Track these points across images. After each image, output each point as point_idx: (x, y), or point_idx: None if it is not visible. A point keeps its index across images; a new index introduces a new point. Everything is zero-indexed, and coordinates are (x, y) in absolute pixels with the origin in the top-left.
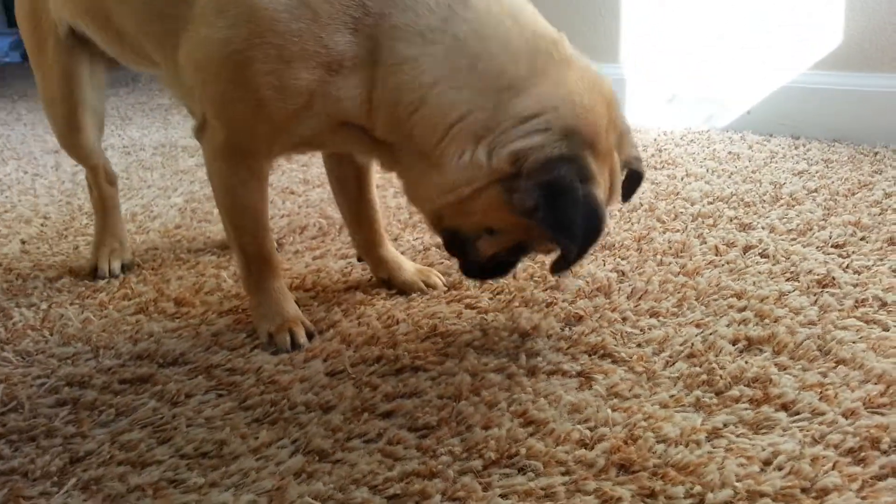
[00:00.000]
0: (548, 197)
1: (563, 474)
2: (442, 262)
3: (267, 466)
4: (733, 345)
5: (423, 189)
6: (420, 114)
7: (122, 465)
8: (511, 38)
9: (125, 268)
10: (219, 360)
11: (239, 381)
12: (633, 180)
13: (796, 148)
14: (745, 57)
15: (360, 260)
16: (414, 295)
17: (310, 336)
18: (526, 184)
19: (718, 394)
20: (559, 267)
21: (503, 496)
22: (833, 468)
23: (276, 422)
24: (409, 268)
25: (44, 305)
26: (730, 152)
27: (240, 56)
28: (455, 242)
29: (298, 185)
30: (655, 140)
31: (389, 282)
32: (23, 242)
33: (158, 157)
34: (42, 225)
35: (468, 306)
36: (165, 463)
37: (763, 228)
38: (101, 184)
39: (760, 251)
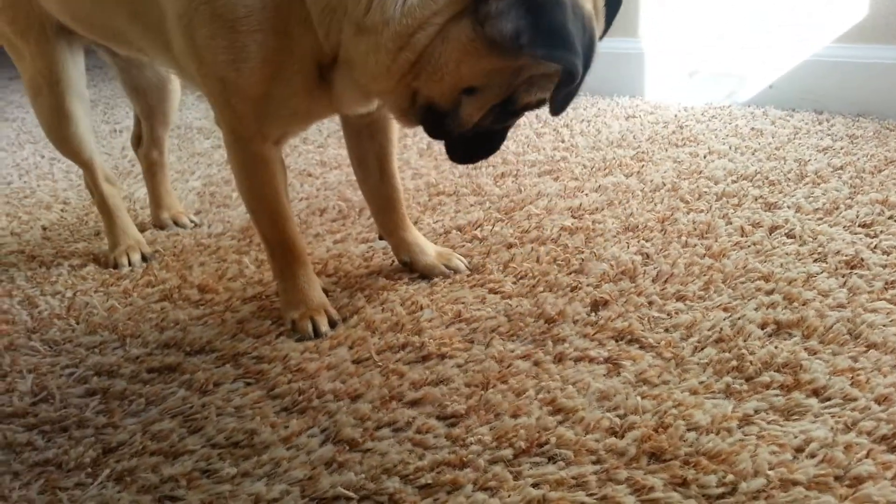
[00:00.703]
0: (529, 12)
1: (593, 463)
2: (464, 245)
3: (298, 456)
4: (762, 329)
5: (375, 60)
6: None
7: (155, 455)
8: None
9: (146, 258)
10: (245, 348)
11: (266, 370)
12: (612, 5)
13: (820, 123)
14: (767, 30)
15: (381, 239)
16: (437, 280)
17: (333, 324)
18: (497, 6)
19: (748, 380)
20: (564, 98)
21: (535, 485)
22: (867, 456)
23: (305, 411)
24: (430, 251)
25: (69, 294)
26: (752, 128)
27: (190, 27)
28: (435, 121)
29: (316, 167)
30: (676, 116)
31: (411, 265)
32: (44, 229)
33: (174, 140)
34: (62, 210)
35: (491, 291)
36: (197, 453)
37: (789, 208)
38: (100, 183)
39: (787, 231)
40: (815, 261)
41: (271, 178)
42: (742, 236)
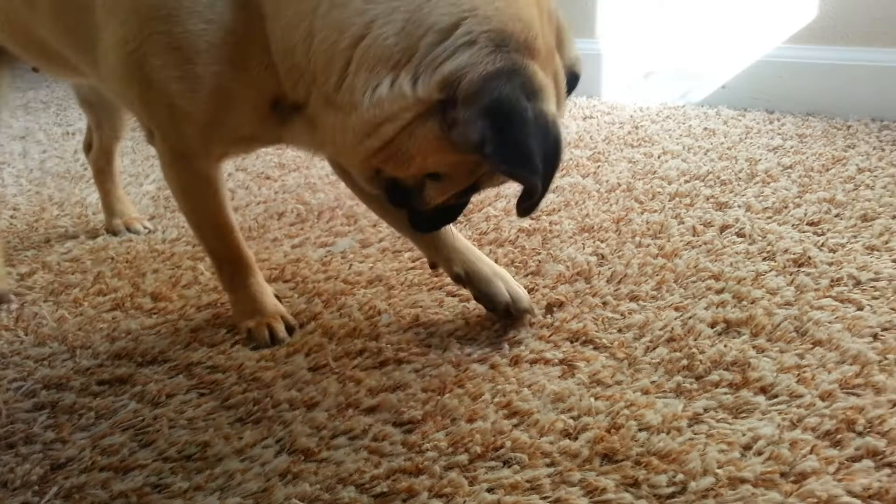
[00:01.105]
0: (494, 125)
1: (547, 465)
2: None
3: (252, 468)
4: (712, 328)
5: (342, 138)
6: (314, 48)
7: (105, 470)
8: None
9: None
10: (199, 358)
11: (220, 379)
12: (572, 80)
13: (771, 123)
14: (721, 31)
15: (433, 267)
16: (394, 283)
17: (290, 330)
18: (465, 113)
19: (698, 378)
20: (526, 208)
21: (489, 490)
22: (811, 452)
23: (260, 421)
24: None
25: (16, 304)
26: (705, 128)
27: (137, 53)
28: (397, 193)
29: (274, 169)
30: (632, 116)
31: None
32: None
33: (129, 142)
34: (11, 217)
35: (449, 294)
36: (149, 467)
37: (739, 207)
38: None
39: (737, 230)
40: (764, 259)
41: (215, 194)
42: (694, 236)
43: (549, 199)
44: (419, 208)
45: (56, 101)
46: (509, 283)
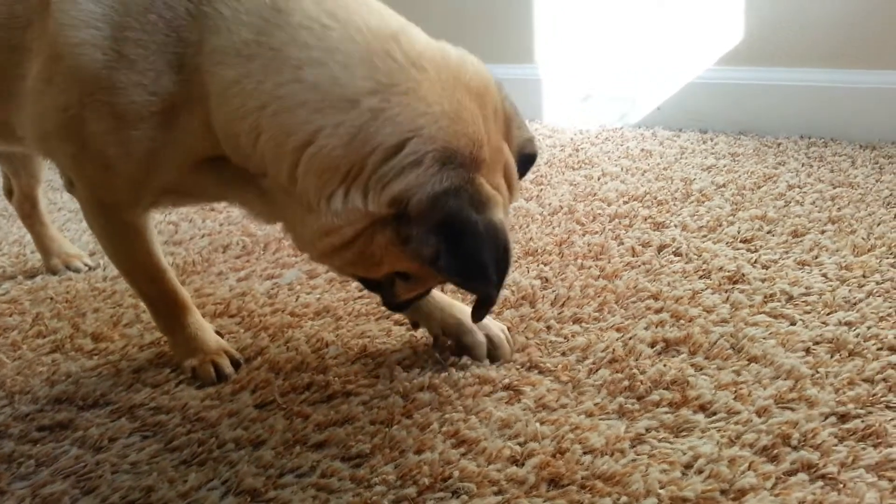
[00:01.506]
0: (446, 241)
1: (495, 494)
2: None
3: None
4: (652, 347)
5: (303, 232)
6: (260, 144)
7: None
8: (334, 40)
9: None
10: (142, 399)
11: (164, 421)
12: (526, 162)
13: (704, 143)
14: (655, 54)
15: (415, 327)
16: (342, 314)
17: (236, 365)
18: (418, 231)
19: (640, 399)
20: (480, 314)
21: None
22: (749, 468)
23: (205, 462)
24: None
25: None
26: (642, 149)
27: (77, 118)
28: (369, 283)
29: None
30: (572, 139)
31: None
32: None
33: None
34: None
35: (396, 322)
36: None
37: (676, 226)
38: None
39: (674, 250)
40: (700, 277)
41: (143, 240)
42: (633, 256)
43: None
44: (390, 300)
45: None
46: (489, 329)
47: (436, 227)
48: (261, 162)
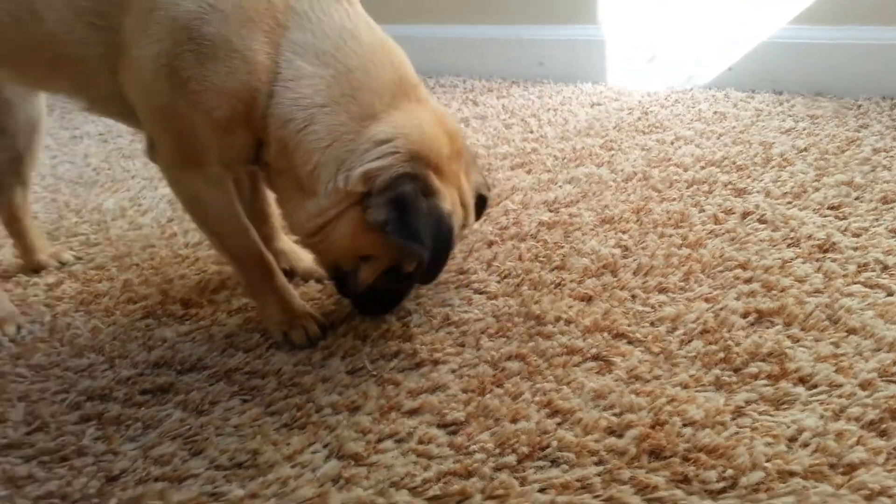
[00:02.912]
0: (396, 210)
1: (596, 464)
2: None
3: (304, 474)
4: (744, 318)
5: (300, 215)
6: (304, 134)
7: (159, 481)
8: (388, 79)
9: (20, 328)
10: (237, 364)
11: (261, 385)
12: (478, 204)
13: (780, 104)
14: (725, 13)
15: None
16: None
17: (322, 329)
18: (376, 200)
19: (736, 371)
20: (424, 277)
21: (541, 490)
22: (857, 442)
23: (305, 426)
24: (306, 257)
25: (48, 316)
26: (715, 112)
27: (168, 67)
28: (341, 279)
29: None
30: (640, 102)
31: (291, 272)
32: (15, 246)
33: (138, 144)
34: None
35: (477, 291)
36: (202, 476)
37: (758, 193)
38: None
39: (759, 217)
40: (789, 246)
41: (228, 201)
42: (716, 224)
43: (566, 191)
44: (357, 290)
45: (59, 104)
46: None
47: (390, 200)
48: (287, 153)
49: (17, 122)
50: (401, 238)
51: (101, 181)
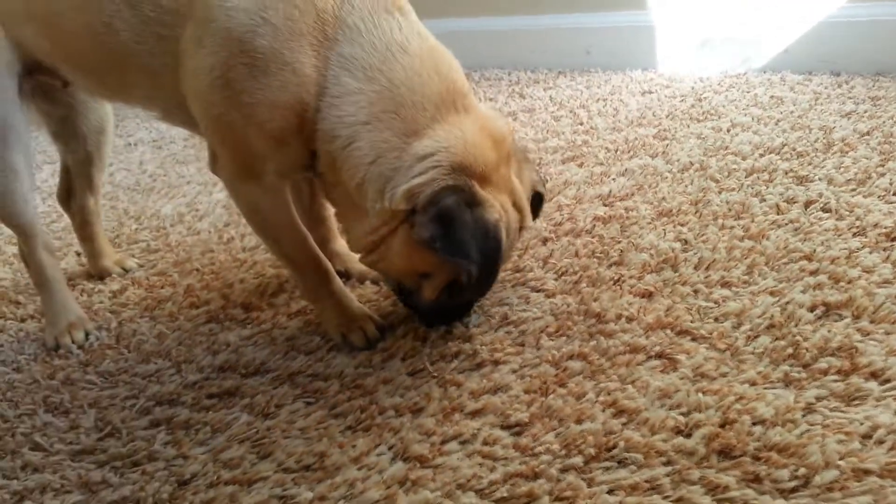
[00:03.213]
0: (441, 226)
1: (664, 465)
2: None
3: (370, 476)
4: (811, 312)
5: (355, 231)
6: (349, 151)
7: (230, 484)
8: (432, 91)
9: (89, 335)
10: (299, 367)
11: (324, 388)
12: (535, 201)
13: (839, 86)
14: None
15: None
16: None
17: (381, 330)
18: (421, 217)
19: (805, 367)
20: (477, 291)
21: (609, 492)
22: None
23: (370, 428)
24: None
25: (114, 322)
26: (772, 96)
27: (222, 79)
28: (404, 295)
29: None
30: (693, 88)
31: (346, 273)
32: (78, 254)
33: (191, 150)
34: None
35: (534, 289)
36: (271, 479)
37: (821, 180)
38: (39, 252)
39: (822, 206)
40: (855, 235)
41: (286, 205)
42: (778, 214)
43: (620, 184)
44: (420, 305)
45: (113, 111)
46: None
47: (434, 215)
48: (335, 167)
49: (90, 123)
50: (448, 254)
51: (157, 187)
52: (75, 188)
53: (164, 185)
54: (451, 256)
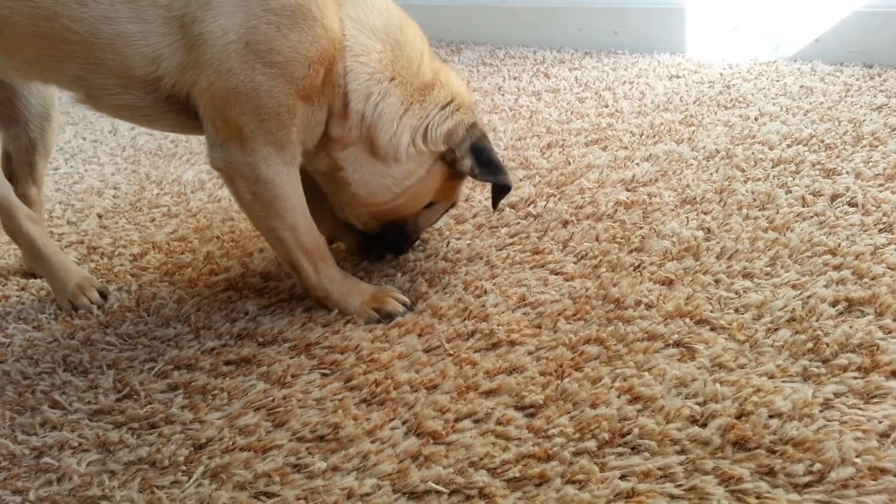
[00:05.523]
0: (477, 156)
1: (678, 453)
2: (518, 223)
3: (384, 449)
4: (833, 307)
5: (381, 181)
6: (383, 107)
7: (245, 450)
8: (422, 48)
9: (103, 294)
10: (316, 338)
11: (340, 360)
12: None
13: (871, 79)
14: None
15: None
16: (497, 262)
17: (403, 304)
18: (461, 153)
19: (825, 362)
20: (499, 198)
21: (622, 477)
22: None
23: (384, 402)
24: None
25: (134, 286)
26: (802, 86)
27: (239, 43)
28: (393, 231)
29: None
30: (721, 75)
31: None
32: (99, 217)
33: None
34: (114, 196)
35: (553, 272)
36: (286, 447)
37: (848, 174)
38: (23, 224)
39: (849, 200)
40: (881, 231)
41: (298, 179)
42: (804, 206)
43: (644, 169)
44: (414, 234)
45: None
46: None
47: (471, 149)
48: (375, 120)
49: (33, 108)
50: (489, 175)
51: (179, 153)
52: (18, 176)
53: (185, 150)
54: (493, 176)
